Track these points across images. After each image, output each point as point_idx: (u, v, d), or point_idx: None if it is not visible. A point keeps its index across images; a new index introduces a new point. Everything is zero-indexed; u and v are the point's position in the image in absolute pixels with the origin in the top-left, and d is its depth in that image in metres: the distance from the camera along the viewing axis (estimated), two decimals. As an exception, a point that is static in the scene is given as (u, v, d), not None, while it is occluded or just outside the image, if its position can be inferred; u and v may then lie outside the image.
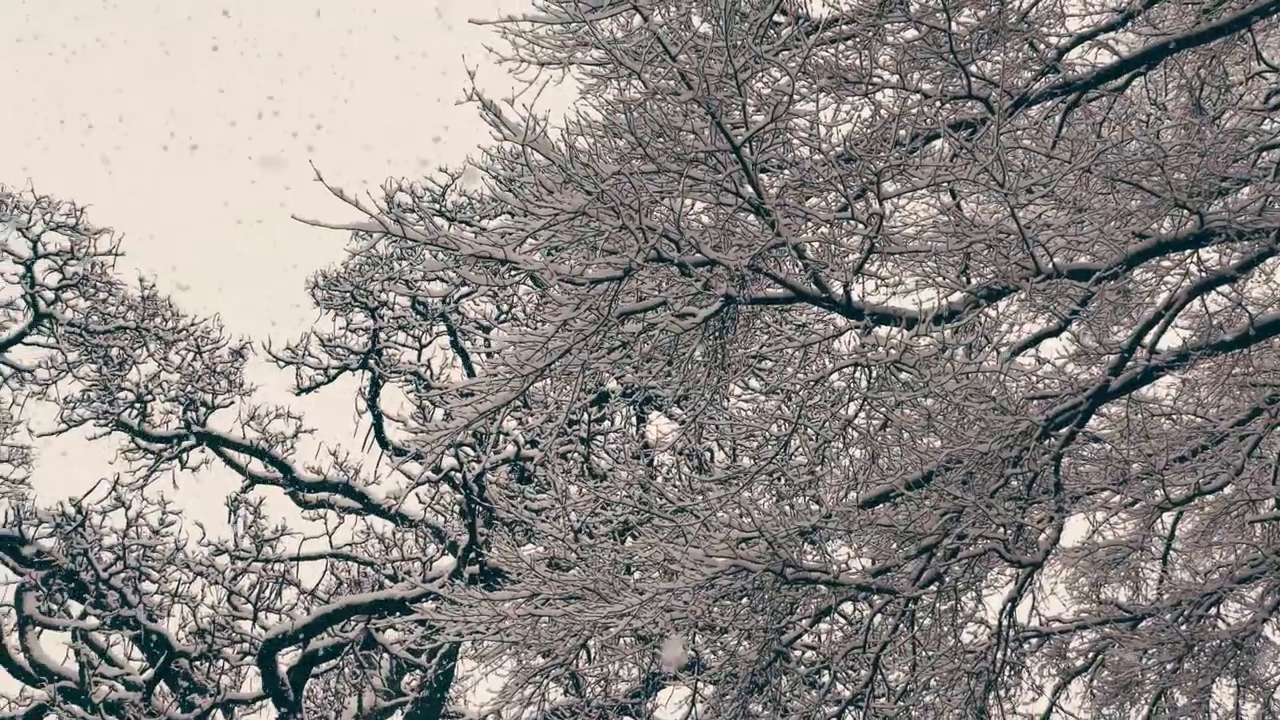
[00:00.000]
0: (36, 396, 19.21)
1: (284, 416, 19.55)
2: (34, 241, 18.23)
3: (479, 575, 16.28)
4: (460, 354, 19.44)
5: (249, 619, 17.93)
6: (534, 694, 11.43)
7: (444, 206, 19.23)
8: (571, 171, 8.48)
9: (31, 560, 17.67)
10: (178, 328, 19.42)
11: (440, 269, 16.72)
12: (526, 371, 8.94)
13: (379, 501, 18.82)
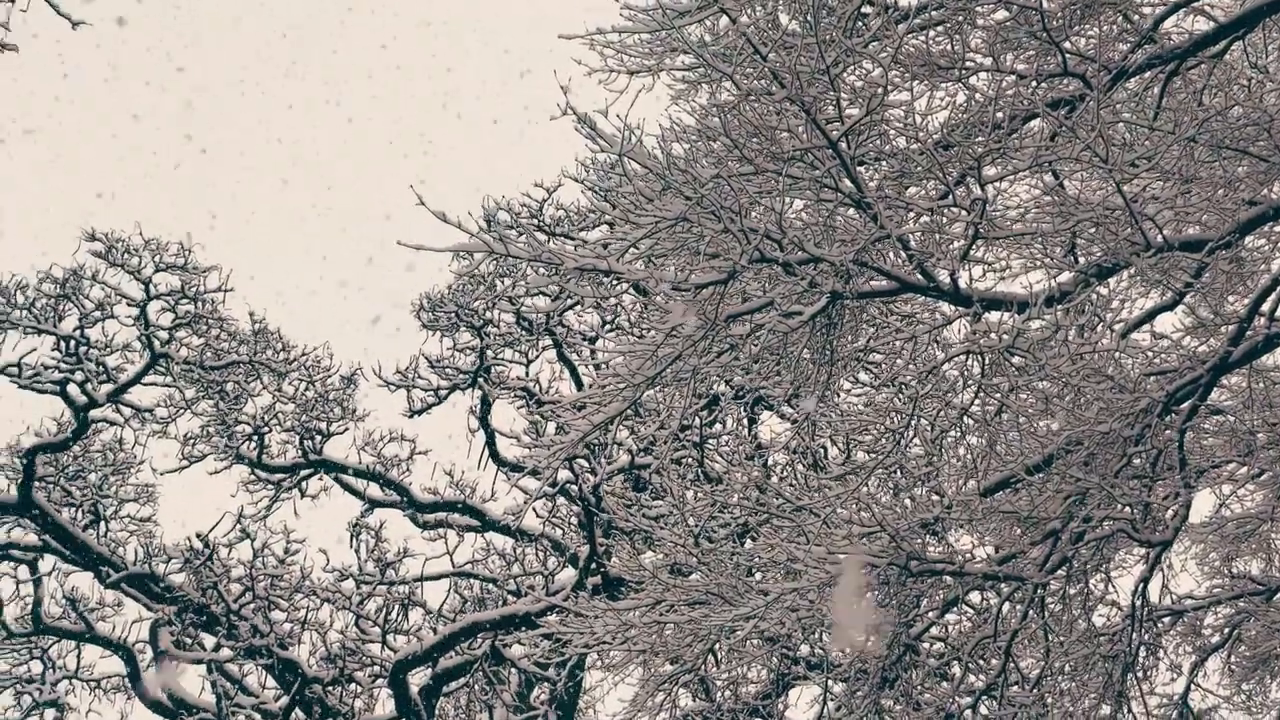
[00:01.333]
0: (157, 435, 19.57)
1: (398, 439, 19.76)
2: (146, 283, 18.56)
3: (601, 586, 16.33)
4: (568, 366, 19.52)
5: (378, 642, 18.13)
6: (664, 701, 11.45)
7: (542, 221, 19.33)
8: (670, 178, 8.50)
9: (163, 596, 18.01)
10: (289, 359, 19.68)
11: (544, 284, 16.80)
12: (638, 381, 8.97)
13: (497, 518, 18.94)
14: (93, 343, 18.48)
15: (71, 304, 18.40)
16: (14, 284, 18.19)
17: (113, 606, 19.45)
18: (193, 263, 18.87)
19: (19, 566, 19.17)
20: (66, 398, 18.32)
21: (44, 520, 18.34)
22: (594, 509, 16.19)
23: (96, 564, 18.49)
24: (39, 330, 18.19)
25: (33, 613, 18.84)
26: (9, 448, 19.09)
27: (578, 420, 9.30)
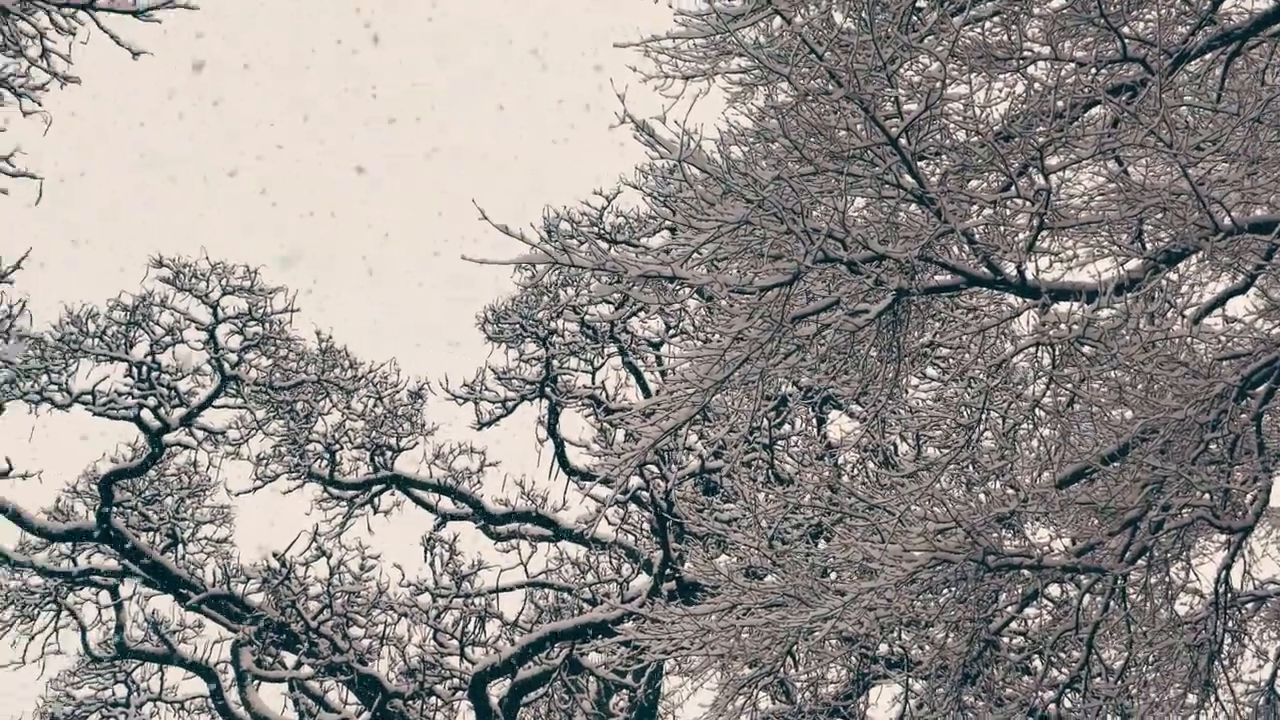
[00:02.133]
0: (230, 457, 19.77)
1: (468, 452, 19.87)
2: (214, 307, 18.76)
3: (676, 591, 16.34)
4: (633, 373, 19.56)
5: (456, 655, 18.23)
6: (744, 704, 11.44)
7: (603, 228, 19.37)
8: (730, 182, 8.50)
9: (243, 616, 18.19)
10: (357, 376, 19.82)
11: (609, 292, 16.83)
12: (706, 386, 8.97)
13: (570, 527, 19.00)
14: (164, 368, 18.69)
15: (142, 330, 18.62)
16: (85, 312, 18.42)
17: (193, 628, 19.69)
18: (259, 285, 19.06)
19: (100, 592, 19.44)
20: (140, 423, 18.53)
21: (123, 545, 18.57)
22: (666, 514, 16.20)
23: (176, 586, 18.70)
24: (111, 358, 18.42)
25: (116, 637, 19.09)
26: (86, 475, 19.36)
27: (648, 427, 9.31)
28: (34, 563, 18.90)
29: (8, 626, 19.01)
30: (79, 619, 19.39)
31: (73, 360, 18.26)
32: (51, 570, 18.98)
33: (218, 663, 19.01)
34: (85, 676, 19.69)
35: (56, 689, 19.48)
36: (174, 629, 19.67)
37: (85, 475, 19.34)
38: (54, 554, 19.20)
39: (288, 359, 19.51)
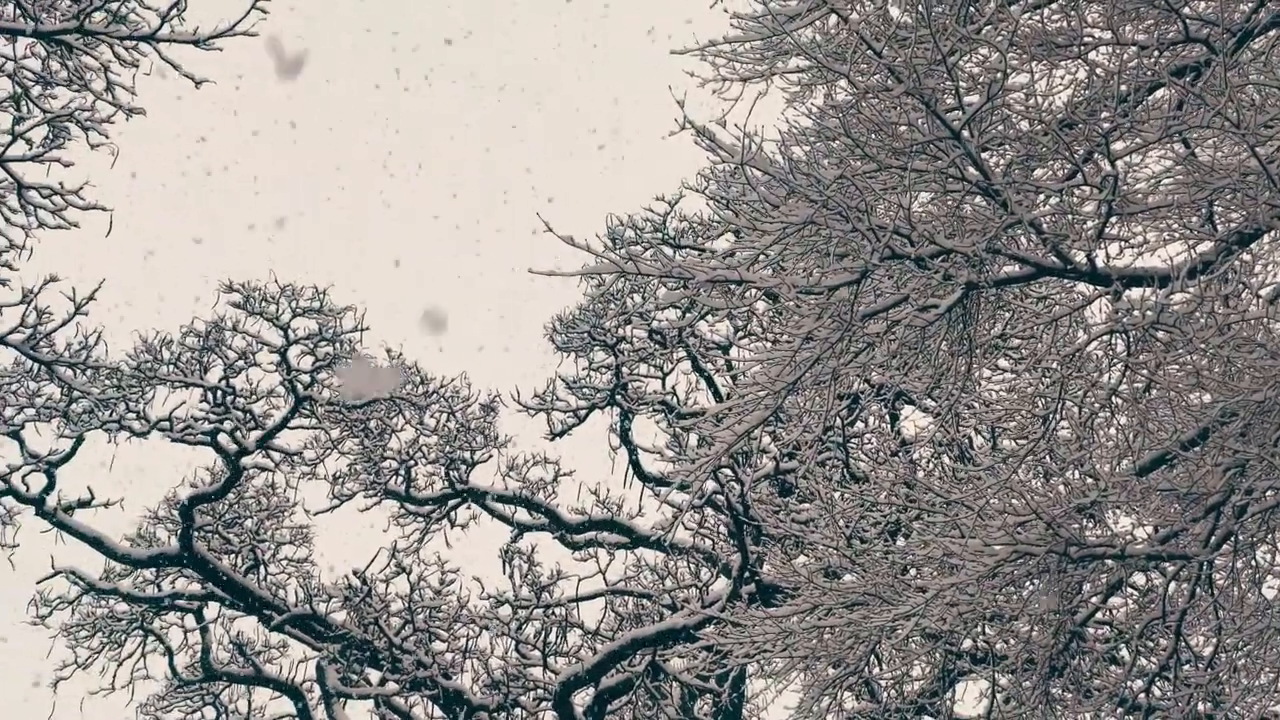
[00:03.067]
0: (307, 477, 19.94)
1: (541, 463, 19.93)
2: (285, 329, 18.92)
3: (756, 594, 16.31)
4: (703, 377, 19.56)
5: (539, 665, 18.30)
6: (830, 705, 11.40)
7: (666, 234, 19.39)
8: (794, 183, 8.49)
9: (326, 634, 18.34)
10: (429, 391, 19.93)
11: (676, 299, 16.83)
12: (778, 387, 8.96)
13: (646, 533, 19.01)
14: (239, 391, 18.87)
15: (215, 355, 18.81)
16: (159, 340, 18.64)
17: (278, 648, 19.87)
18: (328, 305, 19.20)
19: (185, 615, 19.67)
20: (218, 447, 18.72)
21: (206, 568, 18.78)
22: (743, 517, 16.17)
23: (259, 608, 18.88)
24: (186, 384, 18.62)
25: (202, 660, 19.30)
26: (167, 500, 19.59)
27: (722, 431, 9.31)
28: (120, 589, 19.15)
29: (96, 653, 19.27)
30: (166, 643, 19.63)
31: (149, 388, 18.47)
32: (137, 596, 19.22)
33: (303, 682, 19.19)
34: (174, 700, 19.91)
35: (146, 714, 19.71)
36: (259, 650, 19.86)
37: (166, 501, 19.57)
38: (139, 580, 19.45)
39: (360, 378, 19.64)
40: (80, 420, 17.74)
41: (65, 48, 13.34)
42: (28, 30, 12.78)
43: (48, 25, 12.78)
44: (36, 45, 13.46)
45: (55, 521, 18.00)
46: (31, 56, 13.60)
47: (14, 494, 17.59)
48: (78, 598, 19.09)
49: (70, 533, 18.22)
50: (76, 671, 19.13)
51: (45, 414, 17.57)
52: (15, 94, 13.46)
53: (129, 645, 19.39)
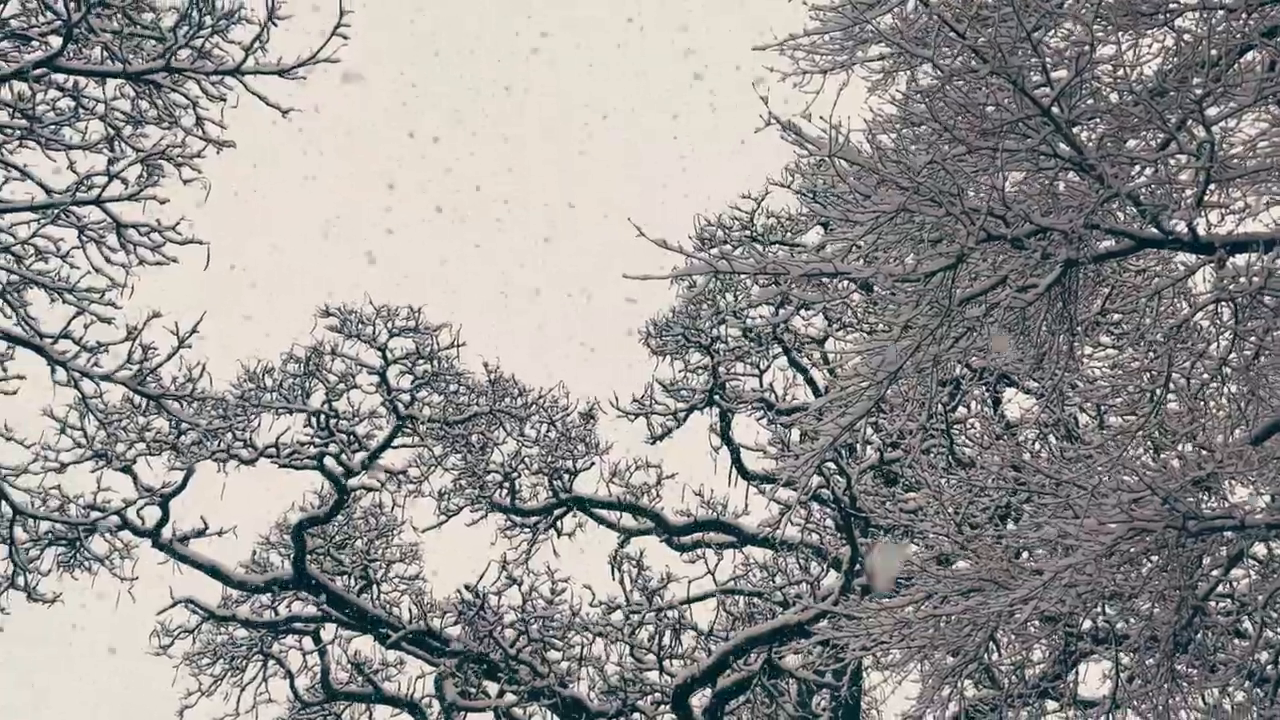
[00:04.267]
0: (413, 495, 20.10)
1: (644, 467, 19.95)
2: (382, 350, 19.10)
3: (868, 585, 16.23)
4: (800, 371, 19.50)
5: (655, 669, 18.33)
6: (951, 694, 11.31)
7: (755, 231, 19.35)
8: (883, 171, 8.45)
9: (442, 650, 18.49)
10: (528, 403, 20.03)
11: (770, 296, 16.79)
12: (880, 378, 8.92)
13: (753, 531, 18.98)
14: (341, 414, 19.06)
15: (316, 380, 19.02)
16: (260, 368, 18.88)
17: (395, 665, 20.06)
18: (423, 323, 19.36)
19: (303, 638, 19.92)
20: (324, 470, 18.94)
21: (320, 590, 19.00)
22: (850, 510, 16.10)
23: (375, 626, 19.07)
24: (290, 409, 18.85)
25: (322, 681, 19.54)
26: (278, 525, 19.85)
27: (825, 425, 9.29)
28: (238, 615, 19.43)
29: (219, 680, 19.55)
30: (286, 666, 19.88)
31: (254, 416, 18.72)
32: (255, 622, 19.48)
33: (422, 697, 19.35)
34: (297, 722, 20.18)
35: (271, 737, 19.99)
36: (376, 668, 20.06)
37: (277, 526, 19.83)
38: (256, 605, 19.72)
39: (458, 393, 19.79)
40: (190, 452, 18.01)
41: (153, 87, 13.56)
42: (117, 72, 13.00)
43: (135, 66, 13.00)
44: (125, 86, 13.70)
45: (171, 552, 18.30)
46: (121, 97, 13.84)
47: (130, 528, 17.89)
48: (198, 626, 19.40)
49: (187, 563, 18.52)
50: (201, 699, 19.43)
51: (155, 448, 17.86)
52: (108, 135, 13.69)
53: (250, 670, 19.66)
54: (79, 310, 13.05)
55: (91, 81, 13.48)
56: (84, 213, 13.25)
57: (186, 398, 14.56)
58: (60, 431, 16.88)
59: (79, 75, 13.16)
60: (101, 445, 17.32)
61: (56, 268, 13.38)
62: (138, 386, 13.52)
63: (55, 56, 12.40)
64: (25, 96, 13.06)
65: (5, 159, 13.34)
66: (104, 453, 17.30)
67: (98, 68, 13.16)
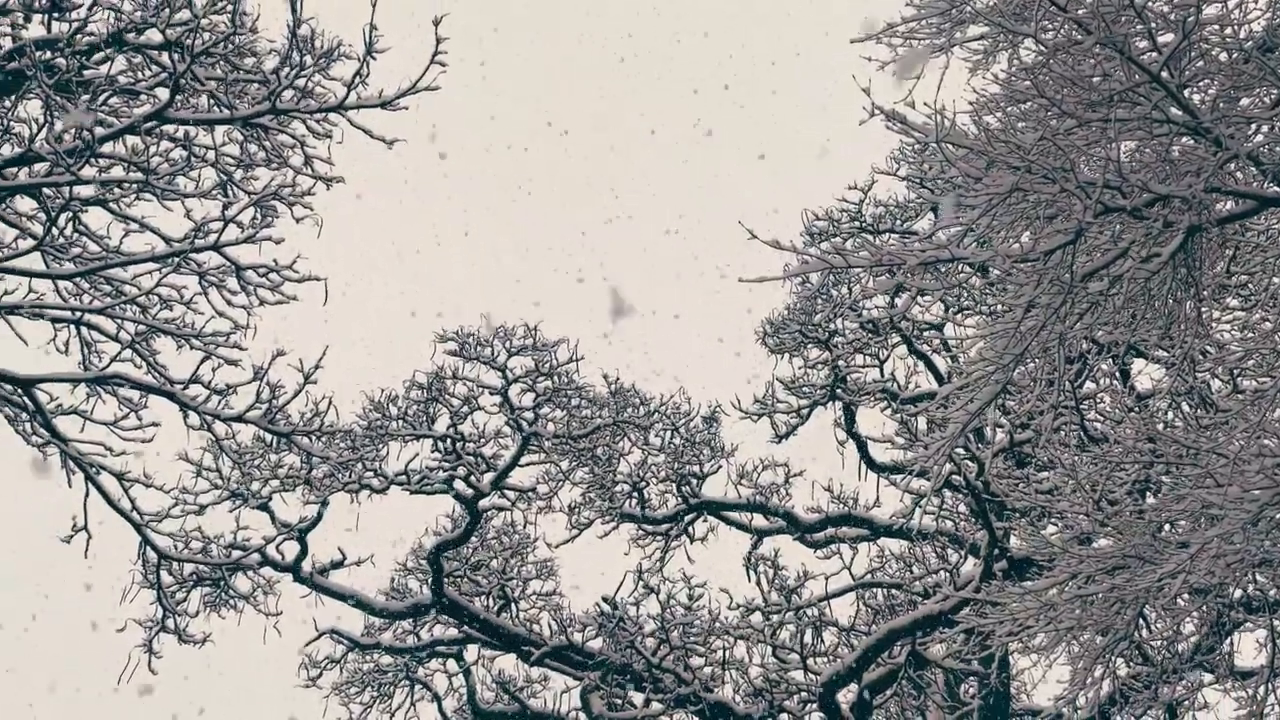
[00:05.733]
0: (543, 511, 20.21)
1: (771, 466, 19.90)
2: (502, 370, 19.24)
3: (1009, 570, 16.05)
4: (921, 359, 19.35)
5: (799, 668, 18.26)
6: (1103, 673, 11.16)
7: (864, 222, 19.24)
8: (993, 153, 8.36)
9: (585, 663, 18.57)
10: (650, 411, 20.06)
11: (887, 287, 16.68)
12: (1006, 360, 8.83)
13: (886, 523, 18.86)
14: (467, 437, 19.23)
15: (440, 405, 19.20)
16: (385, 397, 19.10)
17: (540, 682, 20.18)
18: (540, 340, 19.46)
19: (447, 660, 20.12)
20: (455, 494, 19.11)
21: (460, 612, 19.18)
22: (984, 495, 15.92)
23: (516, 644, 19.21)
24: (416, 436, 19.05)
25: (469, 702, 19.72)
26: (414, 551, 20.07)
27: (954, 412, 9.20)
28: (382, 643, 19.67)
29: (368, 708, 19.82)
30: (432, 690, 20.10)
31: (382, 445, 18.94)
32: (399, 648, 19.72)
33: (569, 712, 19.45)
34: (448, 744, 20.38)
35: (424, 760, 20.19)
36: (521, 686, 20.20)
37: (413, 552, 20.05)
38: (398, 632, 19.95)
39: (581, 407, 19.87)
40: (323, 485, 18.27)
41: (261, 129, 13.80)
42: (224, 118, 13.24)
43: (242, 110, 13.23)
44: (234, 131, 13.95)
45: (313, 585, 18.59)
46: (230, 142, 14.10)
47: (271, 564, 18.21)
48: (344, 656, 19.67)
49: (328, 594, 18.80)
50: (352, 728, 19.71)
51: (289, 483, 18.15)
52: (221, 181, 13.94)
53: (398, 696, 19.91)
54: (206, 355, 13.29)
55: (201, 129, 13.74)
56: (203, 259, 13.51)
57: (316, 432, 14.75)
58: (196, 474, 17.25)
59: (188, 125, 13.43)
60: (237, 485, 17.65)
61: (181, 315, 13.66)
62: (268, 425, 13.75)
63: (164, 108, 12.66)
64: (139, 150, 13.36)
65: (124, 212, 13.65)
66: (240, 492, 17.62)
67: (206, 116, 13.41)
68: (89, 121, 12.18)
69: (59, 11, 12.74)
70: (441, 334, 19.10)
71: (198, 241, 13.09)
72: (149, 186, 12.92)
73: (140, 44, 13.38)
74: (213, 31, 13.19)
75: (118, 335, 13.18)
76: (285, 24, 12.98)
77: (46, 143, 11.78)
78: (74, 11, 12.83)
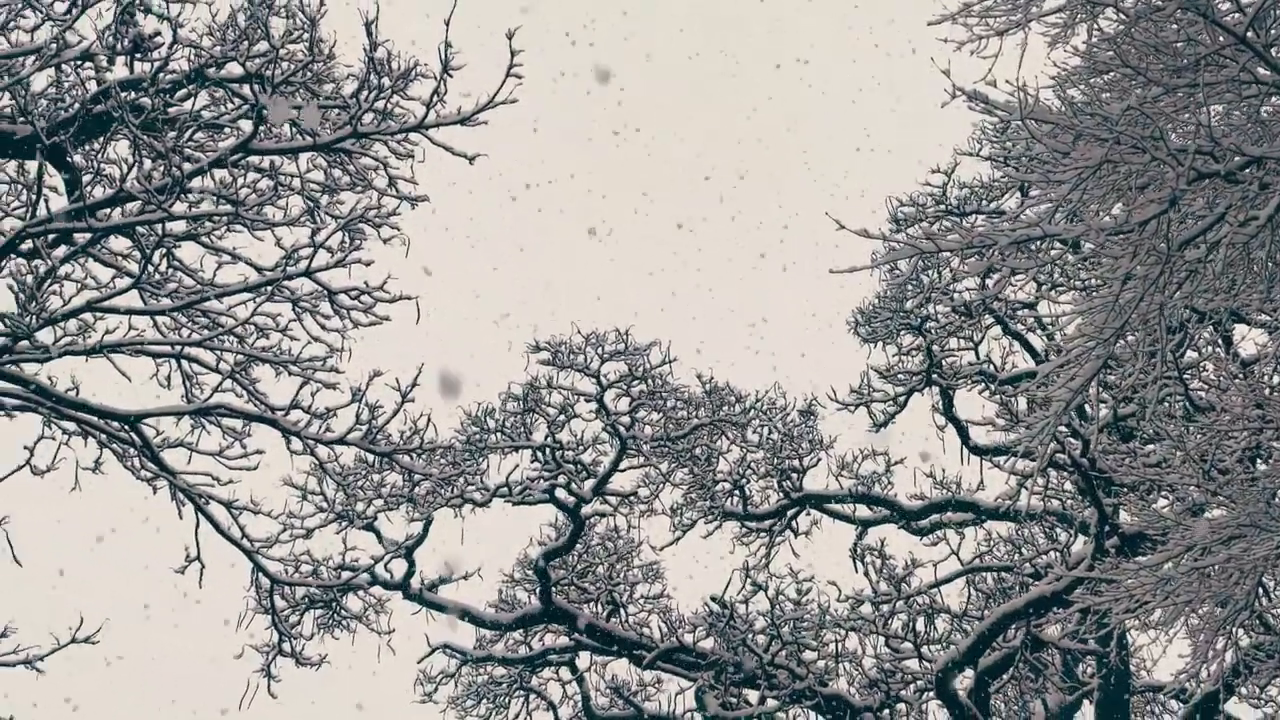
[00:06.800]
0: (645, 514, 20.23)
1: (870, 456, 19.80)
2: (596, 376, 19.29)
3: (1120, 546, 15.83)
4: (1015, 338, 19.16)
5: (914, 657, 18.13)
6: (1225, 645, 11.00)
7: (949, 204, 19.08)
8: (1080, 126, 8.26)
9: (698, 664, 18.56)
10: (746, 408, 20.02)
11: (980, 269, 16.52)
12: (1106, 335, 8.72)
13: (992, 506, 18.68)
14: (565, 445, 19.29)
15: (537, 415, 19.28)
16: (482, 411, 19.21)
17: (654, 685, 20.20)
18: (632, 344, 19.48)
19: (560, 669, 20.20)
20: (557, 502, 19.19)
21: (570, 620, 19.24)
22: (1091, 472, 15.70)
23: (628, 649, 19.24)
24: (515, 447, 19.14)
25: (584, 709, 19.78)
26: (520, 562, 20.17)
27: (1056, 390, 9.10)
28: (494, 655, 19.78)
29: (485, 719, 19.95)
30: (547, 699, 20.20)
31: (482, 459, 19.06)
32: (512, 659, 19.83)
33: (684, 713, 19.45)
34: (565, 752, 20.46)
35: (543, 770, 20.28)
36: (635, 690, 20.22)
37: (519, 563, 20.15)
38: (510, 643, 20.06)
39: (676, 409, 19.87)
40: (426, 502, 18.42)
41: (344, 154, 13.93)
42: (307, 146, 13.38)
43: (325, 137, 13.36)
44: (317, 158, 14.10)
45: (422, 601, 18.73)
46: (314, 169, 14.25)
47: (381, 583, 18.37)
48: (458, 669, 19.81)
49: (438, 609, 18.93)
50: (470, 741, 19.85)
51: (393, 502, 18.31)
52: (308, 207, 14.10)
53: (514, 707, 20.03)
54: (304, 380, 13.43)
55: (285, 158, 13.90)
56: (296, 285, 13.65)
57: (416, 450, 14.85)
58: (302, 499, 17.44)
59: (273, 155, 13.59)
60: (342, 507, 17.82)
61: (278, 342, 13.82)
62: (369, 446, 13.87)
63: (249, 140, 12.81)
64: (227, 182, 13.53)
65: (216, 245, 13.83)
66: (346, 514, 17.79)
67: (289, 145, 13.56)
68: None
69: (141, 52, 12.94)
70: (534, 344, 19.19)
71: (289, 269, 13.22)
72: (239, 218, 13.08)
73: (221, 78, 13.56)
74: (291, 60, 13.33)
75: (217, 366, 13.35)
76: (361, 48, 13.09)
77: (137, 182, 11.96)
78: (155, 51, 13.02)
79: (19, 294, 12.00)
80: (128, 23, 12.75)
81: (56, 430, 13.01)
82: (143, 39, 12.91)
